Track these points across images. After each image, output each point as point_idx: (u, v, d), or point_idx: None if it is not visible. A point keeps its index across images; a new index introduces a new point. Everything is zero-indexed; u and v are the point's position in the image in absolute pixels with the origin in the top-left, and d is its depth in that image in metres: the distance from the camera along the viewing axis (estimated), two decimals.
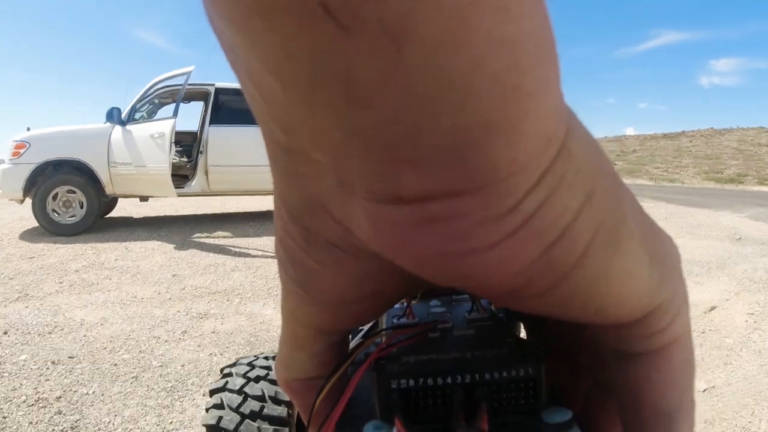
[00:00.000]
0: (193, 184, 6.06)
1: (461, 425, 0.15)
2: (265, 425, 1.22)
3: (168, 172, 5.42)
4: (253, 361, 1.36)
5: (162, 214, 7.17)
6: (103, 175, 5.69)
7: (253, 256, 4.47)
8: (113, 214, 6.91)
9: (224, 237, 5.41)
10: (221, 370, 1.36)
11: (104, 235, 5.45)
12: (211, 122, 6.13)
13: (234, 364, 1.36)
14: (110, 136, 5.78)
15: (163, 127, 5.59)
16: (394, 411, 0.16)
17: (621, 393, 0.17)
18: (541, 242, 0.12)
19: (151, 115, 6.38)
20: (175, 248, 4.79)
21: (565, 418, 0.15)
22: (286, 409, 1.24)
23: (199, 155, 6.00)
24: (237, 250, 4.74)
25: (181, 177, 6.19)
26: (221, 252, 4.63)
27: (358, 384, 0.18)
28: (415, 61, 0.09)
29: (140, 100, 6.06)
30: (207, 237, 5.39)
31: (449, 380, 0.17)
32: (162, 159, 5.43)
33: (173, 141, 5.57)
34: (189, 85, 6.01)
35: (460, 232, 0.12)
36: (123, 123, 5.82)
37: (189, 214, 7.29)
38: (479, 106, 0.10)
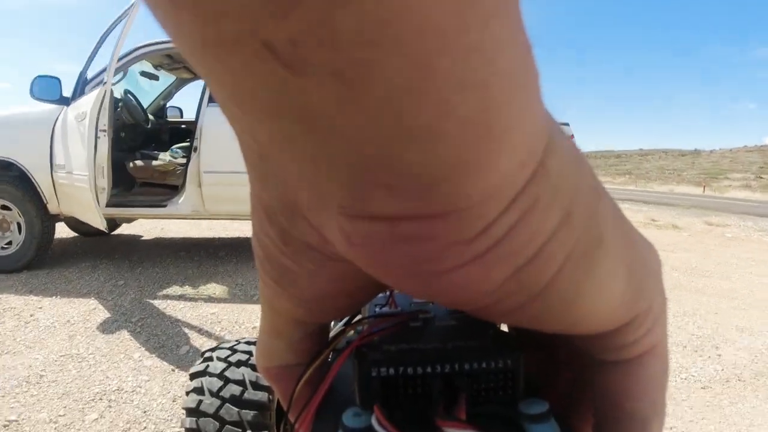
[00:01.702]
0: (180, 201, 3.76)
1: (440, 414, 0.15)
2: (245, 410, 1.22)
3: (89, 182, 3.16)
4: (235, 345, 1.35)
5: (164, 236, 5.24)
6: (44, 183, 3.64)
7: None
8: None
9: (214, 300, 3.22)
10: (202, 354, 1.35)
11: (43, 276, 3.56)
12: (211, 100, 3.68)
13: (215, 349, 1.35)
14: (55, 124, 3.67)
15: (86, 103, 3.33)
16: (373, 399, 0.16)
17: (597, 394, 0.17)
18: (512, 264, 0.12)
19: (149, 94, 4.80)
20: (113, 323, 2.77)
21: (541, 409, 0.16)
22: (266, 394, 1.24)
23: (193, 154, 3.71)
24: (229, 331, 2.71)
25: (170, 188, 4.13)
26: (201, 336, 2.63)
27: (338, 372, 0.18)
28: (375, 105, 0.09)
29: (90, 63, 3.76)
30: (183, 299, 3.19)
31: (429, 369, 0.17)
32: (82, 159, 3.24)
33: (106, 127, 3.30)
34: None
35: (430, 253, 0.11)
36: (67, 102, 3.69)
37: (201, 237, 5.23)
38: (447, 148, 0.09)
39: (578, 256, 0.12)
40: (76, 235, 4.98)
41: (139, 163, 4.35)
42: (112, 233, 5.13)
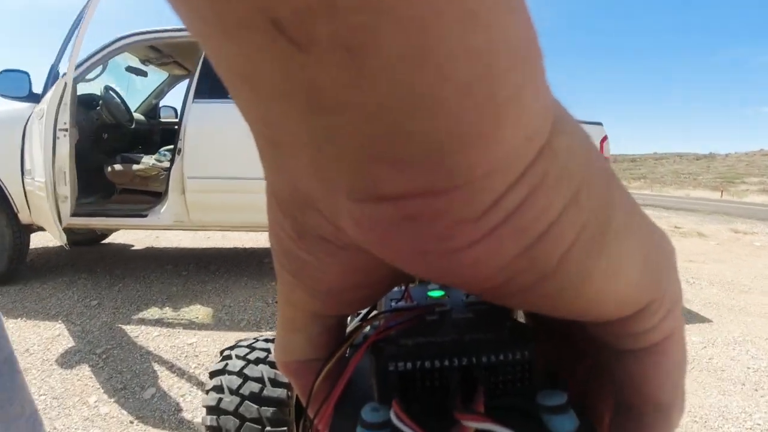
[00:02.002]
0: (162, 210, 3.32)
1: (458, 407, 0.15)
2: (265, 407, 1.23)
3: (47, 189, 2.78)
4: (253, 343, 1.37)
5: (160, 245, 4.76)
6: (14, 191, 3.23)
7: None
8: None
9: (195, 326, 2.77)
10: (221, 352, 1.37)
11: (14, 293, 3.19)
12: (197, 95, 3.25)
13: (234, 347, 1.37)
14: (26, 125, 3.21)
15: (46, 100, 2.91)
16: (391, 393, 0.16)
17: (617, 383, 0.17)
18: (522, 241, 0.12)
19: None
20: (75, 355, 2.41)
21: (560, 401, 0.16)
22: (285, 390, 1.26)
23: (177, 158, 3.27)
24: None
25: (153, 196, 3.68)
26: (171, 375, 2.23)
27: (356, 366, 0.18)
28: (377, 74, 0.09)
29: (61, 57, 3.14)
30: (160, 325, 2.77)
31: (446, 363, 0.17)
32: (39, 163, 2.84)
33: (67, 126, 2.83)
34: (162, 32, 3.47)
35: (439, 231, 0.11)
36: (38, 99, 3.19)
37: (195, 246, 4.73)
38: (450, 117, 0.10)
39: (588, 236, 0.12)
40: (58, 247, 4.35)
41: (118, 167, 3.91)
42: (102, 242, 4.81)
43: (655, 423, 0.17)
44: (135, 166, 3.92)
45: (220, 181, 3.20)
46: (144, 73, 4.62)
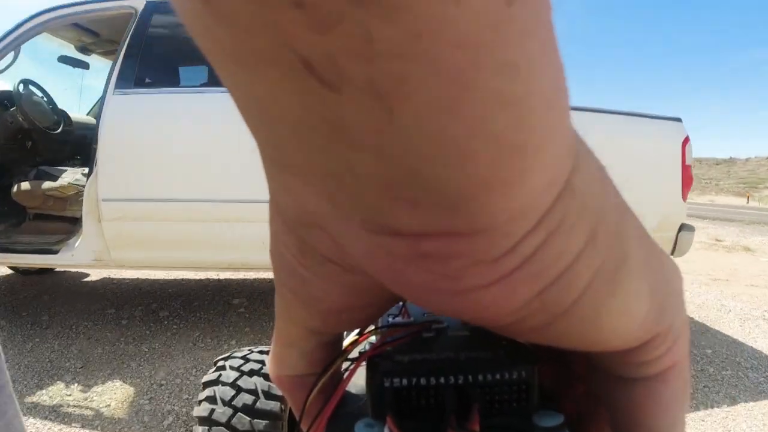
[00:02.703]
0: (77, 244, 2.45)
1: (453, 425, 0.15)
2: (258, 419, 1.22)
3: None
4: (247, 354, 1.36)
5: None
6: None
7: None
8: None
9: (102, 420, 1.95)
10: (215, 362, 1.36)
11: None
12: (119, 83, 2.39)
13: (227, 357, 1.36)
14: None
15: None
16: (386, 409, 0.16)
17: (614, 411, 0.17)
18: (537, 285, 0.12)
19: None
20: None
21: (556, 422, 0.15)
22: (278, 403, 1.24)
23: (91, 174, 2.37)
24: None
25: (71, 223, 2.79)
26: None
27: (351, 382, 0.18)
28: (407, 120, 0.09)
29: None
30: (53, 417, 1.95)
31: (442, 380, 0.17)
32: None
33: None
34: (87, 5, 2.58)
35: (454, 272, 0.11)
36: None
37: (159, 278, 3.73)
38: (477, 165, 0.09)
39: (603, 275, 0.12)
40: (11, 272, 3.72)
41: (24, 185, 2.90)
42: (55, 270, 3.75)
43: None
44: (45, 184, 2.91)
45: (151, 205, 2.28)
46: (84, 65, 3.57)
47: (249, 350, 1.38)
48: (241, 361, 1.33)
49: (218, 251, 2.43)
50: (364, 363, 0.18)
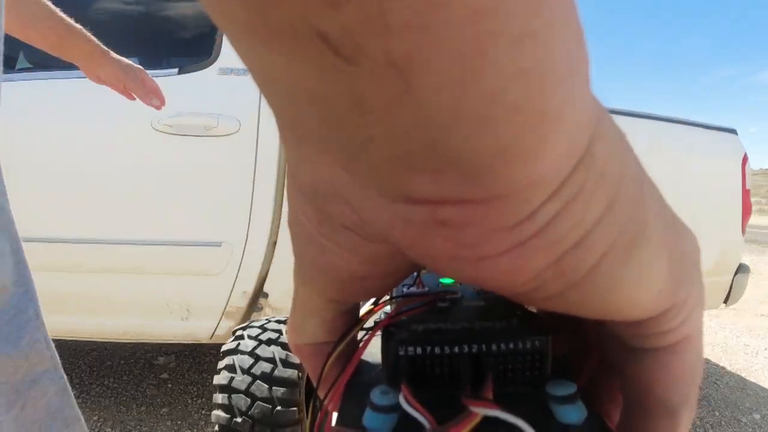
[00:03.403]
0: None
1: (467, 393, 0.15)
2: (276, 387, 1.25)
3: None
4: (265, 324, 1.38)
5: None
6: None
7: None
8: None
9: None
10: (233, 332, 1.39)
11: None
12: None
13: (245, 327, 1.38)
14: None
15: None
16: (401, 377, 0.17)
17: (627, 382, 0.17)
18: (554, 252, 0.12)
19: None
20: None
21: (569, 391, 0.16)
22: (296, 371, 1.27)
23: None
24: None
25: None
26: None
27: (367, 350, 0.18)
28: (425, 92, 0.09)
29: None
30: None
31: (456, 349, 0.17)
32: None
33: None
34: None
35: (471, 239, 0.11)
36: None
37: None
38: (495, 135, 0.09)
39: (621, 244, 0.12)
40: None
41: None
42: None
43: (663, 424, 0.17)
44: None
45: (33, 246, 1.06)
46: None
47: (267, 320, 1.41)
48: (259, 331, 1.35)
49: (97, 315, 1.62)
50: (379, 332, 0.18)
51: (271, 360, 1.28)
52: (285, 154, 0.13)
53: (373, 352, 0.19)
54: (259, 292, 1.70)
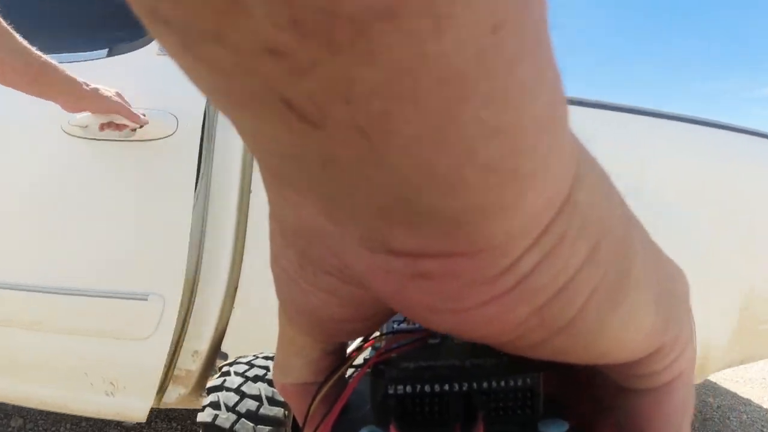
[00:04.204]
0: None
1: None
2: (261, 426, 1.21)
3: None
4: (252, 360, 1.36)
5: None
6: None
7: None
8: None
9: None
10: (219, 368, 1.36)
11: None
12: None
13: (232, 363, 1.36)
14: None
15: None
16: (389, 417, 0.16)
17: (620, 420, 0.17)
18: (537, 300, 0.11)
19: None
20: None
21: (561, 429, 0.15)
22: (282, 410, 1.24)
23: None
24: None
25: None
26: None
27: (355, 389, 0.18)
28: (396, 155, 0.09)
29: None
30: None
31: (447, 387, 0.17)
32: None
33: None
34: None
35: (451, 291, 0.11)
36: None
37: None
38: (470, 193, 0.09)
39: (605, 289, 0.12)
40: None
41: None
42: None
43: None
44: None
45: None
46: None
47: (254, 356, 1.38)
48: (246, 367, 1.33)
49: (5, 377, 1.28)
50: (368, 370, 0.18)
51: (257, 398, 1.25)
52: (266, 193, 0.13)
53: (361, 391, 0.18)
54: (216, 352, 1.32)
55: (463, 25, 0.07)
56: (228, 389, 1.27)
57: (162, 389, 1.30)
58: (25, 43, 0.88)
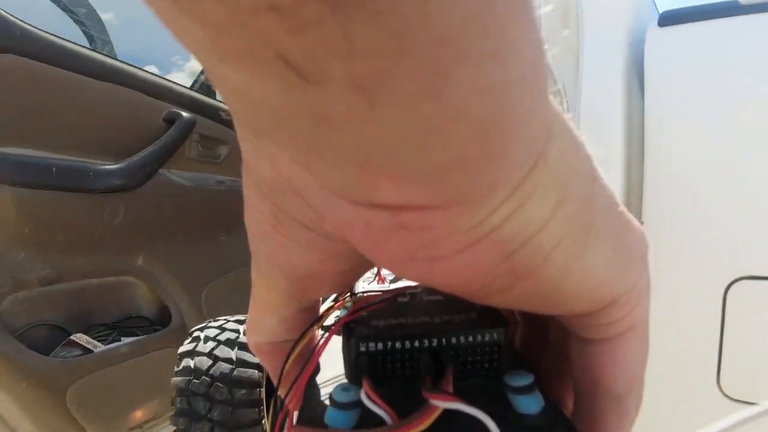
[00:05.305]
0: None
1: (427, 387, 0.15)
2: (236, 388, 1.23)
3: None
4: (223, 324, 1.36)
5: None
6: None
7: None
8: None
9: None
10: (190, 333, 1.36)
11: None
12: None
13: (203, 328, 1.36)
14: None
15: None
16: (362, 373, 0.17)
17: (575, 370, 0.18)
18: (505, 250, 0.12)
19: None
20: None
21: (526, 381, 0.16)
22: (256, 371, 1.25)
23: None
24: None
25: None
26: None
27: (327, 348, 0.18)
28: (389, 110, 0.09)
29: None
30: None
31: (416, 344, 0.17)
32: None
33: None
34: None
35: (428, 241, 0.12)
36: None
37: None
38: (458, 148, 0.10)
39: (570, 239, 0.13)
40: None
41: None
42: None
43: (609, 412, 0.17)
44: None
45: None
46: None
47: (225, 320, 1.38)
48: (217, 331, 1.33)
49: None
50: (340, 328, 0.18)
51: (230, 360, 1.26)
52: (240, 145, 0.13)
53: (334, 349, 0.19)
54: None
55: None
56: (200, 354, 1.27)
57: None
58: None
